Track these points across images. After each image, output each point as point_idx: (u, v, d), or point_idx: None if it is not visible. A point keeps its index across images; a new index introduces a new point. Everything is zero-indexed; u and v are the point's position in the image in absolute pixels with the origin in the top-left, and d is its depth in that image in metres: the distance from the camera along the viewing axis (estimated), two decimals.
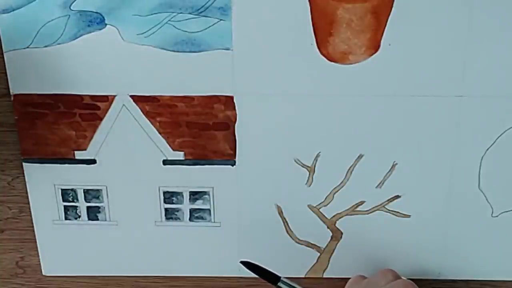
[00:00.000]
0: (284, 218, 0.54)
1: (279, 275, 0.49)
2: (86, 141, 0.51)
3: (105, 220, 0.55)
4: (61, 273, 0.57)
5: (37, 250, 0.56)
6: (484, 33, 0.46)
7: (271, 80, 0.49)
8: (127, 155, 0.52)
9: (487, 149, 0.50)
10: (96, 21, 0.47)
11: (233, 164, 0.52)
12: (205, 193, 0.53)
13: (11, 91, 0.50)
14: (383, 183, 0.52)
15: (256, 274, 0.49)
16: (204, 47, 0.47)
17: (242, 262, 0.50)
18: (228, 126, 0.50)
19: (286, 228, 0.54)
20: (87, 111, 0.50)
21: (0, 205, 0.55)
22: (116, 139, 0.51)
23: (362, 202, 0.53)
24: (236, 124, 0.50)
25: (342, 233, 0.54)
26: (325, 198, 0.53)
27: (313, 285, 0.57)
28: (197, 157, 0.52)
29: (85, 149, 0.52)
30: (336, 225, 0.54)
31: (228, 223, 0.54)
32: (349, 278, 0.53)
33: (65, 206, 0.54)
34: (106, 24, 0.47)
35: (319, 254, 0.55)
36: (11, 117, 0.51)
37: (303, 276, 0.56)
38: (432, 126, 0.50)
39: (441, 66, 0.48)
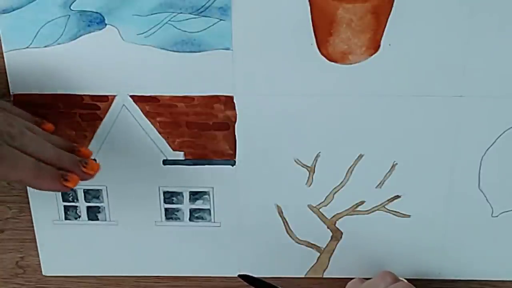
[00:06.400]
0: (284, 218, 0.54)
1: (278, 286, 0.50)
2: (86, 141, 0.51)
3: (105, 220, 0.55)
4: (61, 273, 0.57)
5: (37, 250, 0.56)
6: (484, 33, 0.46)
7: (271, 80, 0.49)
8: (127, 155, 0.52)
9: (487, 149, 0.50)
10: (96, 21, 0.47)
11: (233, 164, 0.52)
12: (205, 193, 0.53)
13: (11, 91, 0.50)
14: (383, 183, 0.52)
15: (255, 286, 0.49)
16: (204, 47, 0.47)
17: (240, 276, 0.50)
18: (228, 126, 0.50)
19: (286, 228, 0.54)
20: (87, 111, 0.50)
21: (0, 205, 0.55)
22: (116, 139, 0.51)
23: (362, 202, 0.53)
24: (236, 124, 0.50)
25: (342, 233, 0.54)
26: (325, 198, 0.53)
27: (313, 285, 0.57)
28: (197, 157, 0.52)
29: None
30: (336, 225, 0.54)
31: (228, 223, 0.54)
32: (349, 278, 0.53)
33: (65, 206, 0.54)
34: (106, 24, 0.47)
35: (319, 254, 0.55)
36: None
37: (303, 276, 0.56)
38: (432, 126, 0.50)
39: (441, 66, 0.48)
